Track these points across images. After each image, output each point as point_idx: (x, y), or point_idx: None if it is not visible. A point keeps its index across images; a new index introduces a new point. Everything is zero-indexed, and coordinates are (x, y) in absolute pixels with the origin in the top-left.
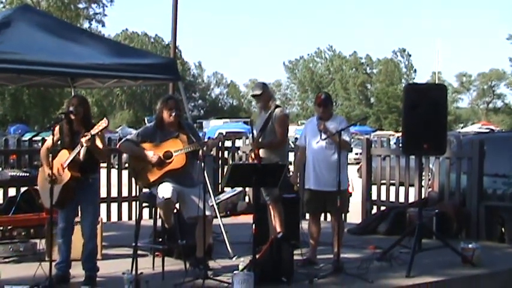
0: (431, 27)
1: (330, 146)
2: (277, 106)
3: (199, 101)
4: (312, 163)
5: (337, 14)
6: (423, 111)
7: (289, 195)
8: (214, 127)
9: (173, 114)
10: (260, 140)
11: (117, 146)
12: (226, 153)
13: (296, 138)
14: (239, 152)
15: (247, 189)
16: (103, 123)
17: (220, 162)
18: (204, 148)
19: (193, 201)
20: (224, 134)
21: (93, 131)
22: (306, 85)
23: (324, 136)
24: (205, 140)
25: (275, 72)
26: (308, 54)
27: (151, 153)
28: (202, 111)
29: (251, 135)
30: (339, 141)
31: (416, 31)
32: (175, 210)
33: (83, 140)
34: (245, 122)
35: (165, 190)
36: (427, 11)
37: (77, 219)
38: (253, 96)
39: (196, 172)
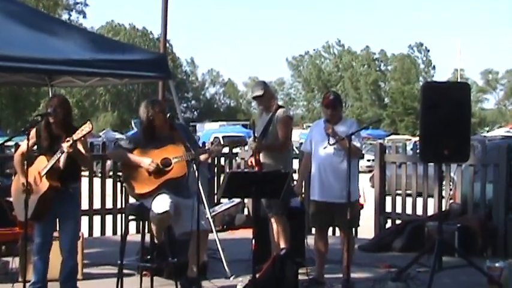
0: (453, 18)
1: (338, 152)
2: (279, 107)
3: (193, 102)
4: (318, 171)
5: (347, 4)
6: (443, 113)
7: (293, 205)
8: (209, 131)
9: (166, 116)
10: (257, 143)
11: (107, 153)
12: (222, 160)
13: (301, 144)
14: (237, 158)
15: (246, 200)
16: (86, 127)
17: (216, 170)
18: (206, 155)
19: (188, 214)
20: (221, 138)
21: (76, 136)
22: (312, 84)
23: (332, 141)
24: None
25: (277, 69)
26: (314, 50)
27: (149, 161)
28: (195, 112)
29: (252, 138)
30: (348, 146)
31: (436, 23)
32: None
33: (64, 145)
34: (244, 125)
35: (163, 202)
36: (448, 0)
37: (55, 234)
38: (254, 98)
39: (191, 181)
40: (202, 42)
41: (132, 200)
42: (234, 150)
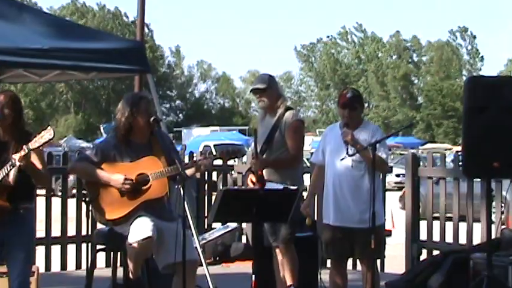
0: None
1: (358, 165)
2: (288, 108)
3: (177, 102)
4: (333, 189)
5: None
6: (493, 116)
7: (303, 233)
8: (197, 138)
9: (150, 119)
10: (264, 156)
11: (69, 167)
12: (214, 174)
13: (312, 154)
14: (233, 172)
15: (244, 225)
16: (47, 134)
17: (206, 187)
18: (192, 169)
19: (172, 242)
20: (212, 147)
21: (32, 145)
22: (327, 79)
23: (351, 151)
24: (185, 157)
25: (284, 61)
26: (329, 37)
27: (121, 178)
28: (181, 115)
29: (252, 148)
30: (372, 158)
31: (485, 2)
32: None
33: (16, 156)
34: (242, 131)
35: (144, 226)
36: None
37: (2, 268)
38: (255, 91)
39: (174, 201)
40: (190, 27)
41: (101, 226)
42: (229, 162)
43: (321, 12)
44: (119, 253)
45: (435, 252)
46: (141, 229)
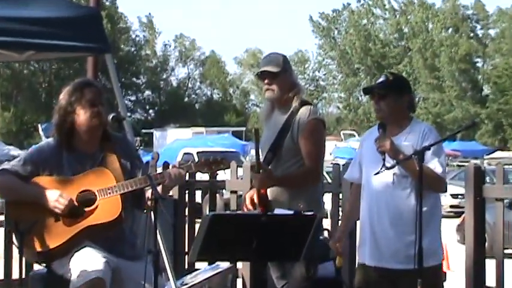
0: None
1: (402, 182)
2: (304, 103)
3: (147, 93)
4: (369, 214)
5: None
6: None
7: (325, 274)
8: (175, 143)
9: (98, 115)
10: (269, 167)
11: None
12: (199, 193)
13: (336, 165)
14: (224, 191)
15: (240, 265)
16: None
17: (186, 211)
18: (159, 186)
19: (135, 287)
20: (195, 156)
21: None
22: (355, 61)
23: (390, 163)
24: (158, 169)
25: (295, 36)
26: (358, 3)
27: (55, 195)
28: (151, 111)
29: (253, 157)
30: (419, 172)
31: None
32: None
33: None
34: (236, 134)
35: (90, 263)
36: None
37: None
38: (263, 75)
39: (141, 231)
40: None
41: (37, 266)
42: (220, 177)
43: None
44: None
45: None
46: (86, 266)
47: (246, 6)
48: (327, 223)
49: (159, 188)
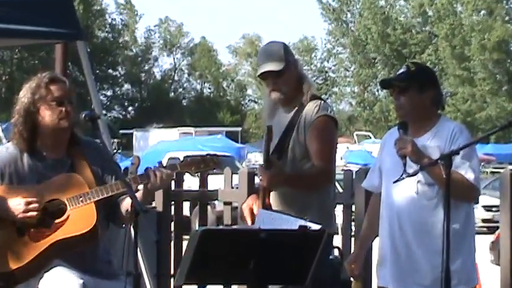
0: None
1: (428, 191)
2: (314, 97)
3: (126, 87)
4: (390, 231)
5: None
6: None
7: None
8: (159, 146)
9: (66, 116)
10: (273, 169)
11: None
12: (187, 205)
13: (348, 172)
14: (216, 202)
15: None
16: None
17: (172, 226)
18: (138, 192)
19: None
20: (181, 161)
21: None
22: (371, 49)
23: (412, 168)
24: (137, 174)
25: (300, 20)
26: None
27: (21, 204)
28: (131, 108)
29: (264, 154)
30: (446, 179)
31: None
32: None
33: None
34: (231, 135)
35: (64, 284)
36: None
37: None
38: (264, 76)
39: (118, 250)
40: None
41: None
42: (211, 186)
43: None
44: None
45: None
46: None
47: None
48: (337, 240)
49: (139, 195)
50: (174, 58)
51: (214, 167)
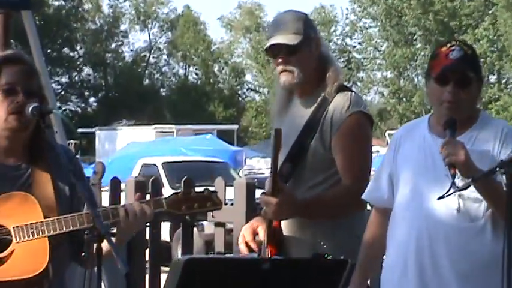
0: None
1: (471, 209)
2: (342, 88)
3: (86, 71)
4: (417, 259)
5: None
6: None
7: None
8: (130, 148)
9: (18, 110)
10: (285, 185)
11: None
12: (166, 227)
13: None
14: (205, 223)
15: None
16: None
17: (147, 254)
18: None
19: None
20: (160, 167)
21: None
22: (409, 22)
23: (461, 181)
24: (103, 188)
25: None
26: None
27: None
28: (93, 100)
29: (270, 174)
30: (508, 192)
31: None
32: None
33: None
34: (223, 135)
35: None
36: None
37: None
38: (272, 51)
39: (77, 284)
40: None
41: None
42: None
43: None
44: None
45: None
46: None
47: None
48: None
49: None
50: (149, 34)
51: (213, 208)
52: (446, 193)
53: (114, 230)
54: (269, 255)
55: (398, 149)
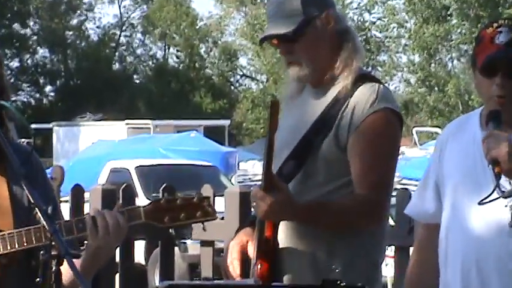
0: None
1: None
2: (362, 77)
3: (41, 53)
4: (462, 279)
5: None
6: None
7: None
8: (97, 148)
9: None
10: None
11: None
12: (141, 247)
13: (402, 193)
14: (188, 241)
15: None
16: None
17: (117, 280)
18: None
19: None
20: (133, 173)
21: None
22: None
23: (508, 185)
24: (62, 199)
25: None
26: None
27: None
28: (50, 89)
29: (263, 165)
30: None
31: None
32: None
33: None
34: (211, 133)
35: None
36: None
37: None
38: (273, 40)
39: None
40: None
41: None
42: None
43: None
44: None
45: None
46: None
47: None
48: None
49: (79, 261)
50: (119, 6)
51: (205, 219)
52: (487, 197)
53: (82, 248)
54: (259, 271)
55: (444, 151)
